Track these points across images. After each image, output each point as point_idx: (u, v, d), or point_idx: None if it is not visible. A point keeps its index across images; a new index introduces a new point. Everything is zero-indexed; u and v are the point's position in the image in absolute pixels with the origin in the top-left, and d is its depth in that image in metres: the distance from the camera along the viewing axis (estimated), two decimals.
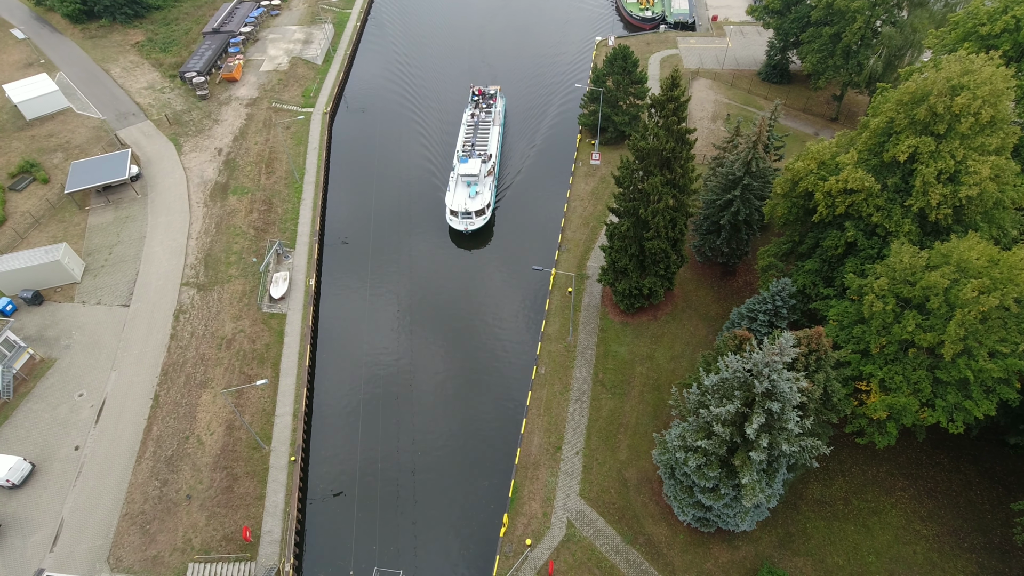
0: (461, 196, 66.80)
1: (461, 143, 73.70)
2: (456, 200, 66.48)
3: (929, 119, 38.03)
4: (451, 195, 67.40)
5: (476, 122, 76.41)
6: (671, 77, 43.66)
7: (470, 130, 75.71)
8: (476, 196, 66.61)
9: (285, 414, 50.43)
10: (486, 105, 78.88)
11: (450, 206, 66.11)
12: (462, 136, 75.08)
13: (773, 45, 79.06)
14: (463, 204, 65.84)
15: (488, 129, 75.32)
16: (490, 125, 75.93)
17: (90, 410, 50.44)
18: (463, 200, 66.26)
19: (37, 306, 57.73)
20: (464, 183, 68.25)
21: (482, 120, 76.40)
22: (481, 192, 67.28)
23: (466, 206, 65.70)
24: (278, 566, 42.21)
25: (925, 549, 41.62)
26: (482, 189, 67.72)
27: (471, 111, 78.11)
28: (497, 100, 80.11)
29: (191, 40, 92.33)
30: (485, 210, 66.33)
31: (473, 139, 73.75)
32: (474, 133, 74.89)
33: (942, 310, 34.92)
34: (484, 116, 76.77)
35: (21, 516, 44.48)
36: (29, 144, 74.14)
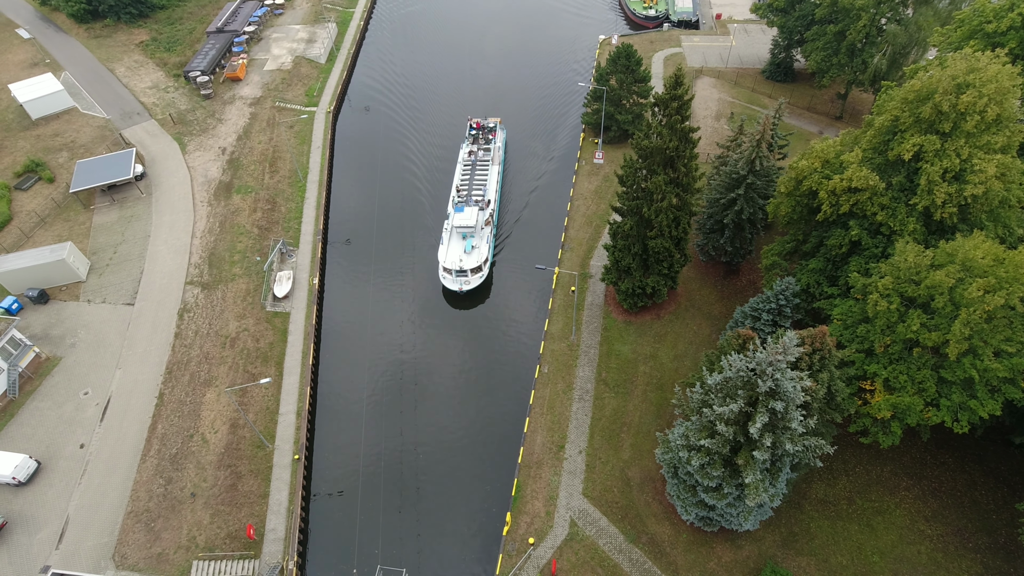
0: (455, 251, 60.14)
1: (456, 187, 67.21)
2: (450, 256, 59.58)
3: (934, 117, 37.85)
4: (444, 249, 60.38)
5: (474, 161, 70.16)
6: (675, 75, 43.59)
7: (467, 170, 69.28)
8: (472, 251, 60.03)
9: (289, 412, 50.58)
10: (485, 140, 72.83)
11: (443, 263, 59.29)
12: (458, 177, 68.58)
13: (777, 43, 78.80)
14: (457, 261, 59.10)
15: (487, 169, 69.16)
16: (489, 164, 69.70)
17: (95, 408, 50.69)
18: (457, 256, 59.54)
19: (43, 305, 58.03)
20: (459, 235, 61.69)
21: (480, 159, 70.20)
22: (478, 246, 60.62)
23: (461, 263, 58.98)
24: (282, 564, 42.36)
25: (929, 549, 41.49)
26: (479, 243, 61.02)
27: (468, 148, 71.94)
28: (497, 134, 73.97)
29: (195, 39, 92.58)
30: (482, 266, 59.64)
31: (470, 181, 67.60)
32: (471, 174, 68.63)
33: (947, 309, 34.78)
34: (483, 154, 70.67)
35: (27, 513, 44.74)
36: (35, 143, 74.49)
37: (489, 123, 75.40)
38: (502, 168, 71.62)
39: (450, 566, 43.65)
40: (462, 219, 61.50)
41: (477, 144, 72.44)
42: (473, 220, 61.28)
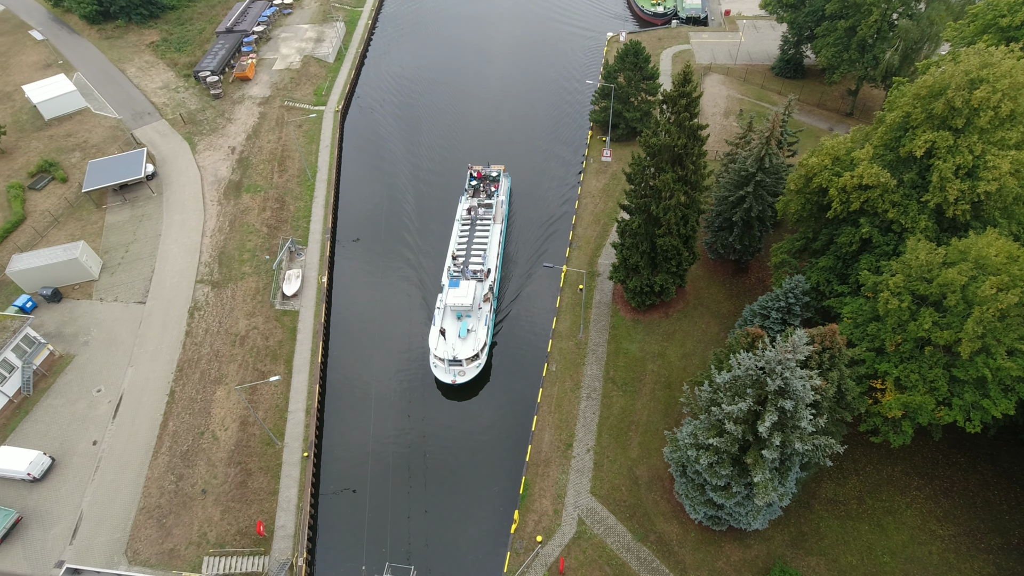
0: (449, 336, 53.10)
1: (452, 253, 59.79)
2: (442, 342, 52.52)
3: (947, 113, 37.41)
4: (435, 333, 53.27)
5: (473, 220, 62.80)
6: (683, 72, 43.36)
7: (465, 231, 61.90)
8: (468, 336, 52.74)
9: (298, 410, 50.92)
10: (487, 194, 65.92)
11: (434, 351, 51.94)
12: (454, 241, 61.14)
13: (787, 39, 78.16)
14: (451, 348, 51.84)
15: (488, 229, 61.58)
16: (490, 224, 62.02)
17: (108, 406, 51.28)
18: (451, 343, 52.44)
19: (56, 303, 58.74)
20: (453, 316, 54.42)
21: (480, 218, 62.79)
22: (475, 329, 53.25)
23: (455, 351, 51.55)
24: (291, 560, 42.69)
25: (941, 549, 41.11)
26: (476, 325, 53.62)
27: (467, 203, 64.77)
28: (500, 184, 67.09)
29: (205, 40, 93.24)
30: (480, 354, 52.13)
31: (468, 247, 60.13)
32: (469, 236, 61.27)
33: (959, 307, 34.40)
34: (483, 212, 63.39)
35: (42, 509, 45.37)
36: (48, 144, 75.36)
37: (492, 172, 67.93)
38: (505, 226, 64.84)
39: (458, 564, 43.79)
40: (457, 297, 53.44)
41: (477, 198, 65.25)
42: (470, 298, 53.29)
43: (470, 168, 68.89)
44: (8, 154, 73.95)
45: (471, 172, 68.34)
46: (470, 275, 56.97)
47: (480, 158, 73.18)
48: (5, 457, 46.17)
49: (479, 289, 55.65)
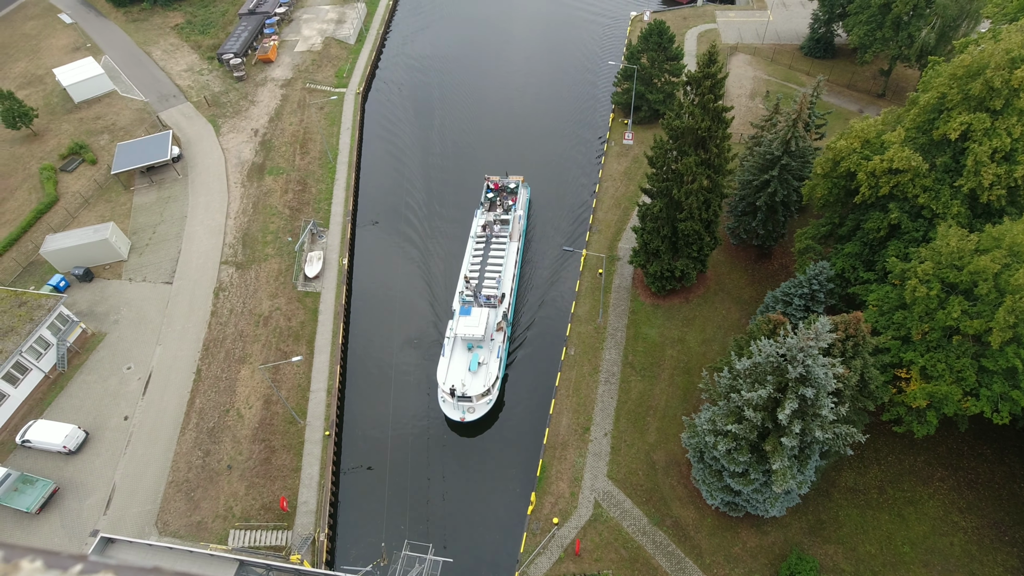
0: (458, 368, 49.58)
1: (465, 275, 56.30)
2: (451, 375, 49.05)
3: (985, 94, 36.07)
4: (445, 365, 49.67)
5: (488, 237, 59.13)
6: (708, 53, 42.43)
7: (479, 250, 58.17)
8: (479, 370, 49.34)
9: (319, 390, 51.92)
10: (504, 208, 62.25)
11: (443, 385, 48.75)
12: (467, 262, 57.57)
13: (817, 17, 75.74)
14: (460, 383, 48.50)
15: (503, 249, 57.84)
16: (506, 243, 58.35)
17: (138, 382, 52.90)
18: (461, 376, 48.91)
19: (88, 283, 60.43)
20: (464, 346, 51.13)
21: (496, 235, 59.19)
22: (486, 362, 49.93)
23: (464, 387, 48.30)
24: (313, 535, 43.88)
25: (963, 541, 40.57)
26: (488, 357, 50.26)
27: (483, 218, 61.28)
28: (519, 197, 63.35)
29: (228, 22, 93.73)
30: (492, 389, 48.74)
31: (482, 268, 56.48)
32: (484, 256, 57.54)
33: (991, 296, 33.47)
34: (500, 228, 59.96)
35: (77, 480, 47.23)
36: (78, 126, 76.92)
37: (510, 183, 64.06)
38: (523, 243, 61.05)
39: (475, 543, 44.58)
40: (469, 326, 50.01)
41: (494, 212, 61.88)
42: (482, 329, 49.78)
43: (487, 180, 64.60)
44: (40, 136, 75.72)
45: (488, 184, 64.27)
46: (483, 300, 53.42)
47: (499, 140, 72.76)
48: (42, 430, 48.04)
49: (492, 317, 52.04)
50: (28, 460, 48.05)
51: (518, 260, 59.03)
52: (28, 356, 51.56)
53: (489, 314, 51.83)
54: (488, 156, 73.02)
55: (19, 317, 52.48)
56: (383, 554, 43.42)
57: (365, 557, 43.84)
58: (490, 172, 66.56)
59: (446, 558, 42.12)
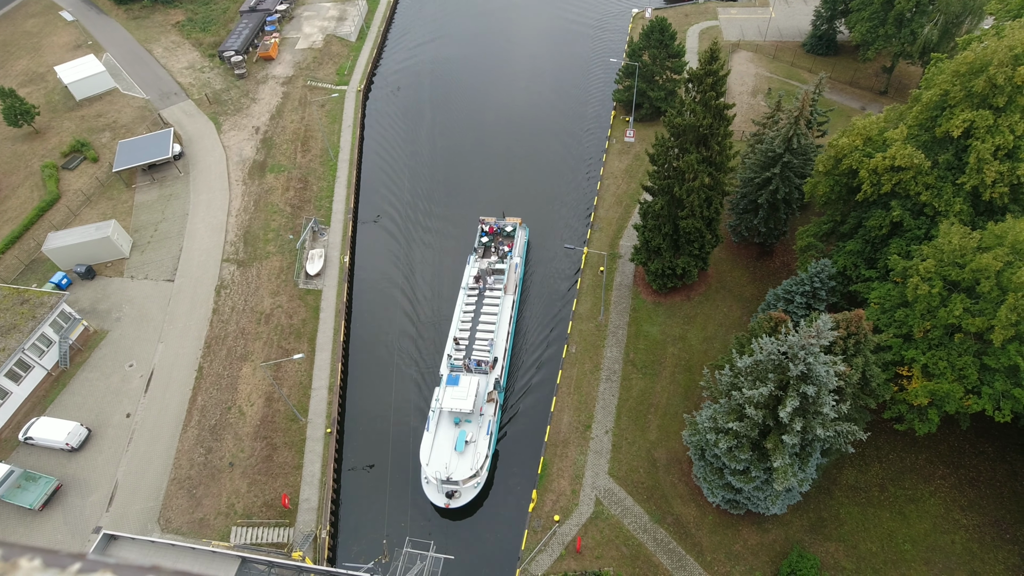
0: (443, 449, 45.03)
1: (454, 336, 51.89)
2: (435, 457, 44.53)
3: (988, 91, 35.94)
4: (428, 443, 45.27)
5: (481, 290, 54.62)
6: (710, 50, 42.29)
7: (471, 306, 53.58)
8: (466, 449, 44.82)
9: (321, 387, 51.99)
10: (499, 255, 58.02)
11: (426, 467, 44.36)
12: (457, 320, 53.06)
13: (820, 14, 75.48)
14: (444, 467, 43.94)
15: (497, 304, 53.23)
16: (501, 296, 53.60)
17: (140, 380, 53.01)
18: (445, 458, 44.43)
19: (90, 280, 60.53)
20: (450, 420, 46.69)
21: (490, 287, 54.68)
22: (475, 440, 45.46)
23: (448, 470, 43.66)
24: (315, 533, 43.99)
25: (964, 539, 40.57)
26: (476, 434, 45.76)
27: (476, 267, 56.67)
28: (516, 241, 58.99)
29: (229, 19, 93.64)
30: (480, 472, 44.25)
31: (473, 328, 52.13)
32: (476, 313, 53.04)
33: (993, 294, 33.40)
34: (494, 280, 55.25)
35: (80, 477, 47.38)
36: (79, 124, 76.95)
37: (506, 226, 59.74)
38: (519, 295, 56.40)
39: (476, 541, 44.65)
40: (456, 399, 45.67)
41: (488, 260, 57.54)
42: (471, 402, 45.47)
43: (481, 222, 60.28)
44: (42, 134, 75.77)
45: (482, 227, 59.96)
46: (473, 366, 49.24)
47: (501, 138, 72.52)
48: (45, 427, 48.18)
49: (483, 386, 47.89)
50: (31, 457, 48.20)
51: (513, 315, 54.07)
52: (31, 353, 51.69)
53: (479, 383, 47.51)
54: (489, 157, 72.94)
55: (21, 315, 52.60)
56: (384, 551, 43.52)
57: (366, 554, 43.95)
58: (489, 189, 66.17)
59: (447, 555, 42.19)
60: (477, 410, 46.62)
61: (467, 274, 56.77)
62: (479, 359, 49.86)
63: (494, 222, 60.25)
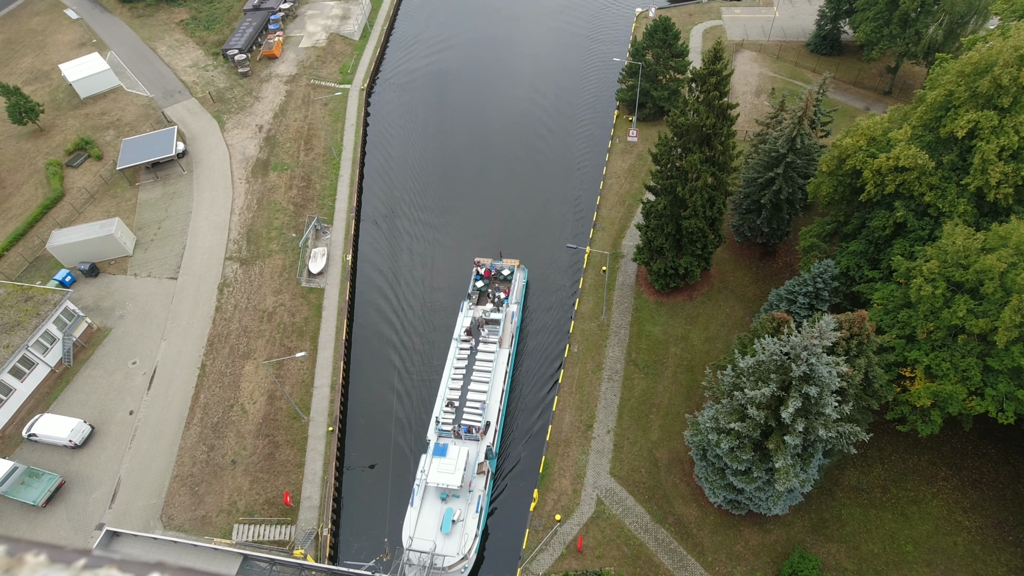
0: (428, 525, 41.22)
1: (444, 397, 47.63)
2: (419, 534, 40.65)
3: (993, 91, 35.80)
4: (413, 519, 41.53)
5: (473, 350, 50.17)
6: (713, 50, 42.20)
7: (462, 363, 49.46)
8: (453, 529, 40.93)
9: (323, 386, 52.09)
10: (495, 302, 53.55)
11: (408, 548, 40.25)
12: (447, 378, 48.81)
13: (824, 14, 75.25)
14: (430, 547, 40.04)
15: (491, 361, 49.12)
16: (496, 351, 49.76)
17: (143, 377, 53.17)
18: (431, 537, 40.54)
19: (93, 278, 60.72)
20: (437, 496, 42.57)
21: (484, 340, 50.69)
22: (463, 518, 41.49)
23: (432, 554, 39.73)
24: (317, 530, 44.09)
25: (966, 541, 40.47)
26: (465, 511, 41.75)
27: (470, 314, 52.57)
28: (513, 286, 54.95)
29: (232, 17, 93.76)
30: (469, 555, 40.47)
31: (464, 388, 47.96)
32: (467, 370, 48.96)
33: (997, 295, 33.29)
34: (488, 332, 51.15)
35: (83, 474, 47.56)
36: (84, 122, 77.17)
37: (503, 269, 55.87)
38: (515, 348, 52.24)
39: None
40: (443, 473, 41.65)
41: (483, 308, 53.36)
42: (459, 477, 41.40)
43: (476, 265, 56.71)
44: (46, 132, 76.01)
45: (477, 270, 56.34)
46: (463, 432, 45.21)
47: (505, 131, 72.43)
48: (48, 424, 48.38)
49: (472, 456, 43.90)
50: (34, 454, 48.41)
51: (508, 371, 50.04)
52: (34, 350, 51.90)
53: (469, 454, 43.46)
54: (488, 158, 72.94)
55: (25, 312, 52.80)
56: (386, 549, 43.57)
57: (367, 552, 44.02)
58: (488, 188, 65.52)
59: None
60: (466, 485, 42.37)
61: (459, 324, 52.52)
62: (470, 424, 45.63)
63: (490, 264, 56.27)
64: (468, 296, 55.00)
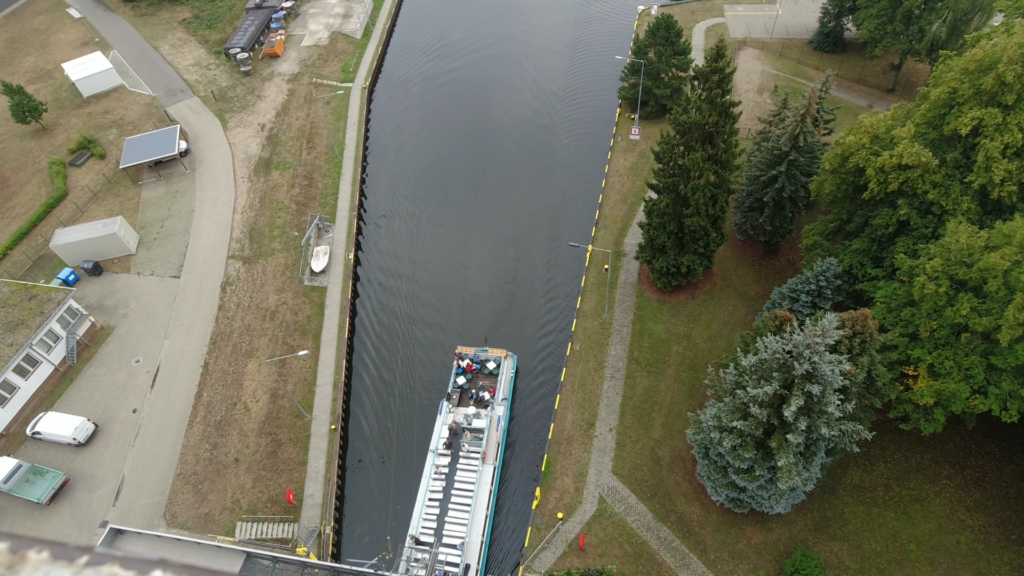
0: None
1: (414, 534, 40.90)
2: None
3: (997, 89, 35.65)
4: None
5: (452, 465, 44.02)
6: (716, 47, 42.09)
7: (438, 486, 43.16)
8: None
9: (325, 384, 52.19)
10: (478, 402, 48.00)
11: None
12: (421, 506, 42.23)
13: (827, 11, 74.98)
14: None
15: (473, 483, 43.12)
16: (478, 468, 43.72)
17: (146, 376, 53.33)
18: None
19: (97, 276, 60.89)
20: None
21: (466, 455, 44.70)
22: None
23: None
24: (319, 528, 44.20)
25: (969, 539, 40.39)
26: None
27: (449, 419, 46.50)
28: (500, 381, 48.76)
29: (235, 16, 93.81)
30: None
31: (440, 519, 41.84)
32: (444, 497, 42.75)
33: (1001, 293, 33.19)
34: (470, 445, 45.00)
35: (87, 472, 47.75)
36: (87, 121, 77.33)
37: (488, 361, 49.77)
38: (501, 461, 45.56)
39: None
40: None
41: (464, 412, 47.18)
42: None
43: (457, 356, 50.13)
44: (49, 131, 76.19)
45: (458, 363, 49.87)
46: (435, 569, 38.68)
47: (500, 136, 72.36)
48: (52, 422, 48.57)
49: None
50: (38, 452, 48.61)
51: (493, 490, 43.30)
52: (38, 349, 52.08)
53: None
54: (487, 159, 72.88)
55: (29, 310, 52.98)
56: (388, 547, 43.66)
57: (370, 550, 44.12)
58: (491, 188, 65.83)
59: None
60: None
61: (436, 430, 46.17)
62: (446, 570, 39.08)
63: (473, 355, 50.01)
64: (447, 396, 48.44)
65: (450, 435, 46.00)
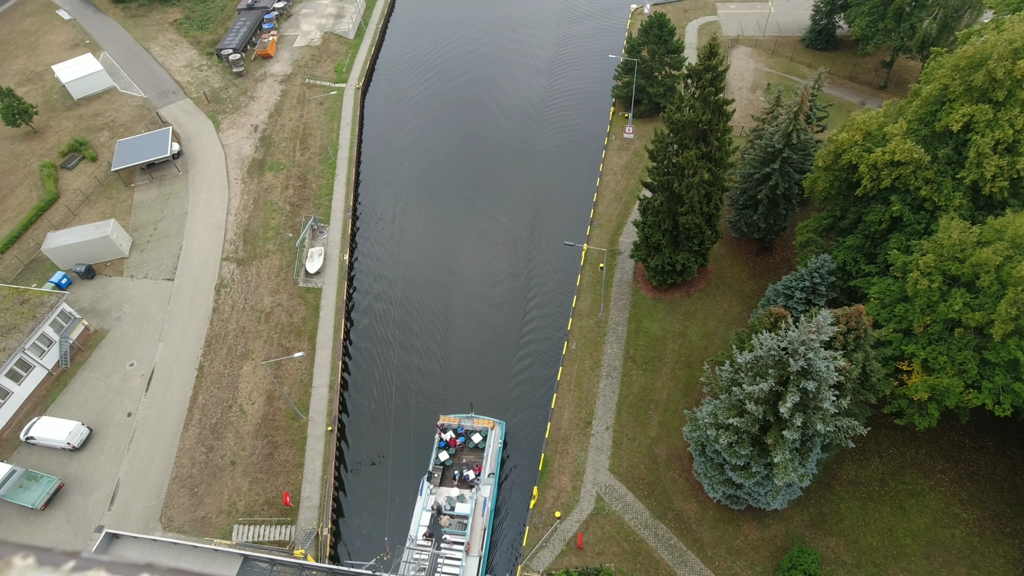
0: None
1: None
2: None
3: (987, 85, 35.87)
4: None
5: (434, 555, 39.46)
6: (709, 46, 42.18)
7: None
8: None
9: (321, 385, 52.02)
10: (462, 482, 43.50)
11: None
12: None
13: (819, 9, 75.30)
14: None
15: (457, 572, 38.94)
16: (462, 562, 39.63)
17: (140, 379, 53.03)
18: None
19: (90, 280, 60.50)
20: None
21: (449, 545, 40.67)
22: None
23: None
24: (317, 530, 44.08)
25: (964, 533, 40.65)
26: None
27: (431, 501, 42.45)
28: (486, 456, 44.78)
29: (226, 17, 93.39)
30: None
31: None
32: None
33: (993, 288, 33.40)
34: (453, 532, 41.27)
35: (82, 477, 47.45)
36: (78, 123, 76.82)
37: (474, 433, 45.78)
38: (487, 545, 41.54)
39: None
40: None
41: (447, 493, 42.88)
42: None
43: (440, 428, 46.11)
44: (40, 133, 75.65)
45: (440, 436, 45.83)
46: None
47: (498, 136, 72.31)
48: (46, 427, 48.23)
49: None
50: (32, 457, 48.26)
51: None
52: (31, 353, 51.70)
53: None
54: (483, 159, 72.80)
55: (22, 314, 52.59)
56: (386, 548, 43.60)
57: (368, 551, 44.02)
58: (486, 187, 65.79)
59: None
60: None
61: (416, 516, 41.97)
62: None
63: (457, 426, 46.28)
64: (428, 475, 44.13)
65: (431, 520, 41.33)
